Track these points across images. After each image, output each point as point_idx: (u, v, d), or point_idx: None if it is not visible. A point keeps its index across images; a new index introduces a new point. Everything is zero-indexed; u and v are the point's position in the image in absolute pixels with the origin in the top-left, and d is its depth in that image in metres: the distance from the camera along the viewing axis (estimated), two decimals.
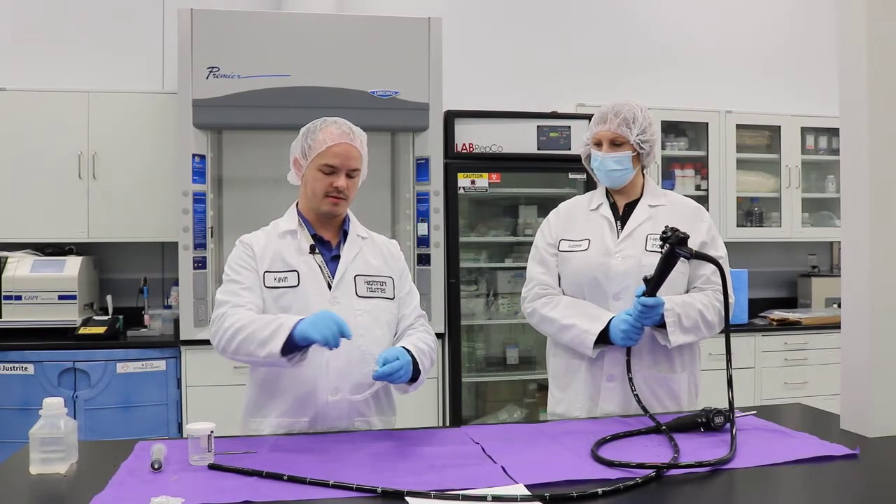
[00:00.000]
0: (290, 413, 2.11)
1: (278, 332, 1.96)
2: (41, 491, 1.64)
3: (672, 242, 2.05)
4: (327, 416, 2.11)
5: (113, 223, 4.35)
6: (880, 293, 2.01)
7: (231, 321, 2.04)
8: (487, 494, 1.50)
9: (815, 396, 4.17)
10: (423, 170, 4.32)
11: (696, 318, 2.28)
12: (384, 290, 2.20)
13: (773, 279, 5.52)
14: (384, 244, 2.32)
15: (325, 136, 2.14)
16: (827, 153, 5.28)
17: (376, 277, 2.20)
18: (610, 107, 2.40)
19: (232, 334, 2.03)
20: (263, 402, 2.15)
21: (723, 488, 1.67)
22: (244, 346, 2.01)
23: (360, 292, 2.16)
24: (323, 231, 2.22)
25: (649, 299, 2.17)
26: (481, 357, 4.79)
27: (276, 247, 2.17)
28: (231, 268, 2.17)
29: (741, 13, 5.48)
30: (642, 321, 2.21)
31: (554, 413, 2.48)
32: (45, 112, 4.28)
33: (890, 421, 1.99)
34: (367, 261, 2.22)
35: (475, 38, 5.00)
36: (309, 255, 2.16)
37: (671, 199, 2.47)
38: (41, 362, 3.97)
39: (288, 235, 2.19)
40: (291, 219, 2.23)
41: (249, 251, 2.17)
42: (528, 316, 2.50)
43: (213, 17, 4.08)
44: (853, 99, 2.07)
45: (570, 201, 2.59)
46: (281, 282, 2.13)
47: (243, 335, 2.01)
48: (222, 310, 2.09)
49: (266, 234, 2.22)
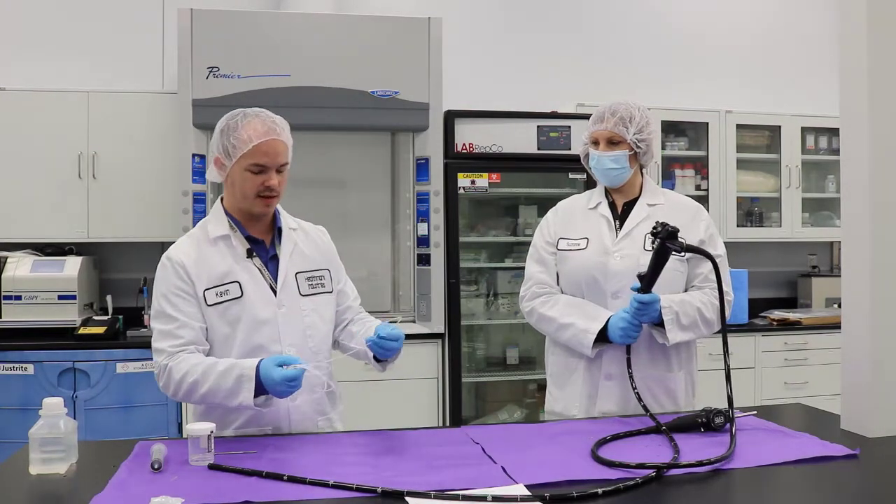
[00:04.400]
0: (251, 423, 2.07)
1: (241, 381, 1.90)
2: (41, 491, 1.64)
3: (662, 237, 2.06)
4: (290, 421, 2.08)
5: (113, 223, 4.35)
6: (880, 293, 2.01)
7: (180, 374, 1.96)
8: (487, 494, 1.50)
9: (815, 396, 4.17)
10: (423, 170, 4.32)
11: (695, 316, 2.28)
12: (324, 285, 2.17)
13: (773, 279, 5.51)
14: (315, 233, 2.24)
15: (248, 133, 2.00)
16: (827, 153, 5.28)
17: (315, 272, 2.15)
18: (607, 106, 2.41)
19: (190, 387, 1.95)
20: (218, 415, 2.04)
21: (723, 488, 1.67)
22: (209, 398, 1.95)
23: (304, 291, 2.11)
24: (255, 230, 2.12)
25: (645, 296, 2.18)
26: (481, 357, 4.78)
27: (210, 257, 2.05)
28: (164, 297, 2.02)
29: (741, 13, 5.48)
30: (639, 318, 2.21)
31: (552, 411, 2.49)
32: (45, 112, 4.28)
33: (890, 421, 1.98)
34: (305, 255, 2.16)
35: (475, 38, 5.00)
36: (247, 261, 2.07)
37: (670, 199, 2.47)
38: (41, 362, 3.97)
39: (220, 241, 2.07)
40: (221, 222, 2.10)
41: (181, 273, 2.03)
42: (527, 315, 2.50)
43: (213, 17, 4.08)
44: (853, 99, 2.06)
45: (569, 200, 2.59)
46: (223, 295, 2.02)
47: (205, 388, 1.94)
48: (163, 360, 1.99)
49: (195, 243, 2.09)
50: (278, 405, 2.05)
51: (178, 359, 1.99)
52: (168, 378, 1.99)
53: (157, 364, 2.01)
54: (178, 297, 2.03)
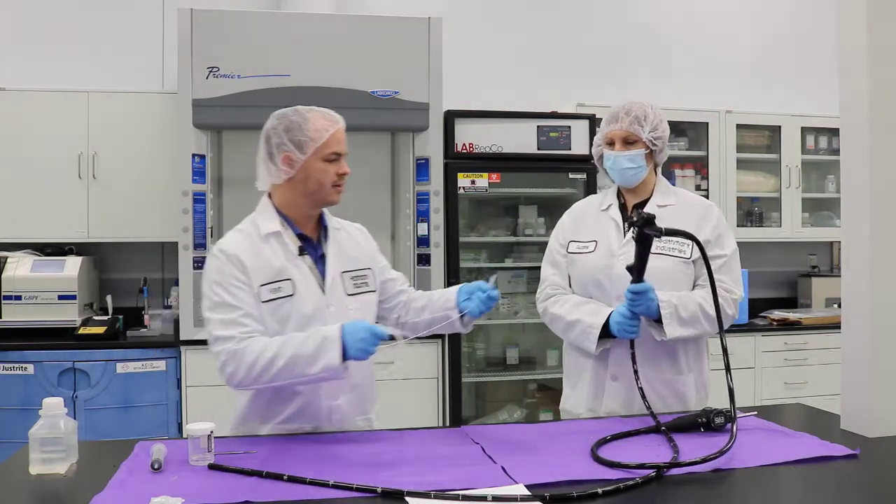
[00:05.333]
0: (292, 420, 2.08)
1: (325, 343, 1.91)
2: (41, 491, 1.64)
3: (640, 225, 2.05)
4: (331, 421, 2.10)
5: (113, 223, 4.35)
6: (880, 293, 2.01)
7: (254, 353, 1.94)
8: (487, 494, 1.50)
9: (815, 396, 4.17)
10: (423, 170, 4.32)
11: (696, 311, 2.26)
12: (367, 284, 2.19)
13: (773, 279, 5.51)
14: (356, 233, 2.27)
15: (319, 124, 2.06)
16: (827, 153, 5.28)
17: (359, 272, 2.18)
18: (621, 106, 2.42)
19: (266, 364, 1.92)
20: (263, 411, 2.08)
21: (723, 488, 1.67)
22: (286, 371, 1.93)
23: (349, 290, 2.13)
24: (305, 228, 2.13)
25: (636, 285, 2.16)
26: (481, 357, 4.78)
27: (263, 252, 2.05)
28: (222, 287, 2.00)
29: (741, 13, 5.48)
30: (634, 309, 2.20)
31: (563, 409, 2.52)
32: (45, 112, 4.28)
33: (890, 421, 1.99)
34: (349, 254, 2.18)
35: (475, 38, 5.00)
36: (298, 258, 2.08)
37: (682, 198, 2.47)
38: (41, 362, 3.97)
39: (272, 238, 2.07)
40: (272, 218, 2.10)
41: (239, 266, 2.01)
42: (542, 316, 2.51)
43: (213, 16, 4.08)
44: (853, 99, 2.06)
45: (585, 201, 2.61)
46: (276, 293, 2.02)
47: (283, 360, 1.92)
48: (231, 346, 1.95)
49: (248, 239, 2.07)
50: (320, 404, 2.07)
51: (247, 342, 1.96)
52: (239, 361, 1.94)
53: (225, 351, 1.95)
54: (237, 288, 2.00)
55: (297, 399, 2.07)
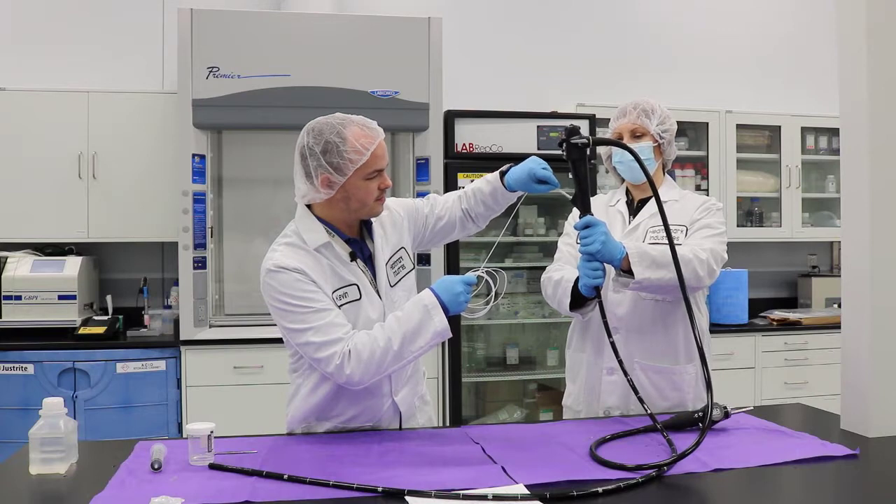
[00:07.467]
0: (354, 419, 2.09)
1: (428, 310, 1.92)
2: (41, 491, 1.64)
3: (564, 138, 2.03)
4: (392, 418, 2.12)
5: (113, 223, 4.35)
6: (880, 293, 2.01)
7: (368, 346, 1.92)
8: (487, 494, 1.50)
9: (815, 396, 4.17)
10: (423, 170, 4.32)
11: (667, 253, 2.04)
12: (405, 266, 2.18)
13: (773, 279, 5.52)
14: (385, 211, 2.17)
15: (358, 143, 1.97)
16: (827, 153, 5.28)
17: (396, 256, 2.16)
18: (628, 102, 2.46)
19: (384, 350, 1.91)
20: (325, 409, 2.07)
21: (723, 488, 1.67)
22: (405, 349, 1.92)
23: (392, 281, 2.13)
24: (350, 231, 2.10)
25: (583, 219, 2.09)
26: (481, 357, 4.78)
27: (321, 262, 2.02)
28: (302, 298, 1.95)
29: (741, 13, 5.48)
30: (587, 249, 2.08)
31: (565, 405, 2.52)
32: (45, 112, 4.28)
33: (890, 421, 1.98)
34: (390, 241, 2.16)
35: (475, 37, 5.01)
36: (352, 264, 2.06)
37: (686, 197, 2.48)
38: (41, 362, 3.97)
39: (322, 249, 2.03)
40: (317, 230, 2.04)
41: (307, 279, 1.97)
42: (543, 289, 2.45)
43: (213, 16, 4.08)
44: (853, 99, 2.06)
45: (596, 197, 2.59)
46: (344, 298, 2.01)
47: (398, 341, 1.92)
48: (342, 348, 1.92)
49: (302, 251, 2.02)
50: (383, 402, 2.09)
51: (354, 340, 1.94)
52: (357, 358, 1.92)
53: (338, 354, 1.92)
54: (317, 293, 1.97)
55: (363, 399, 2.06)
